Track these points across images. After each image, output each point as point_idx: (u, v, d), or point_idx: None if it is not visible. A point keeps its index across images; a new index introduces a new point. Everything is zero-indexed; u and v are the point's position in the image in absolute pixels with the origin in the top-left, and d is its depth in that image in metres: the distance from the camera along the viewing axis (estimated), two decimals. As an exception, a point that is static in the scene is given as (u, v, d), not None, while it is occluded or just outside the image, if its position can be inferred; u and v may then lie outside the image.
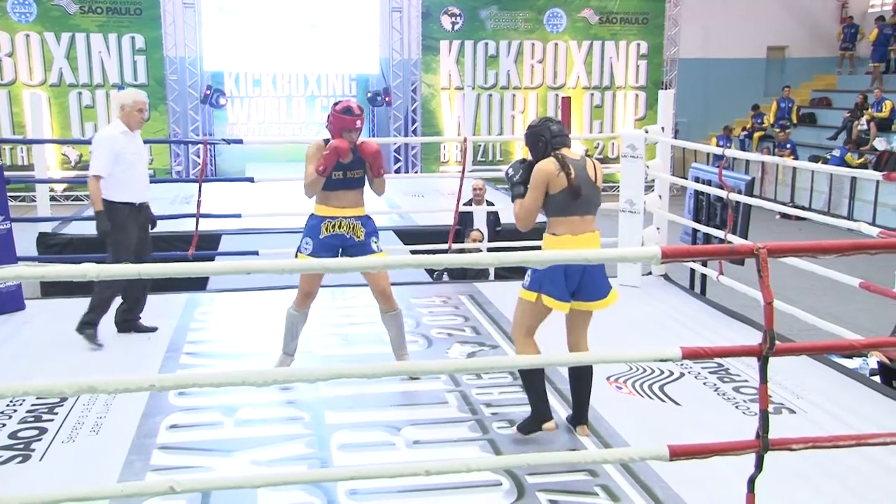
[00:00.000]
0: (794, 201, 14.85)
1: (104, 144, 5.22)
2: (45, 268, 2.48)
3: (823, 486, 3.51)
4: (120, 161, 5.18)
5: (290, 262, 3.90)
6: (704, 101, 17.87)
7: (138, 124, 5.33)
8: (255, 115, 16.14)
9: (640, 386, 4.63)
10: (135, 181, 5.31)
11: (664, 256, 2.63)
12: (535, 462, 2.92)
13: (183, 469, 3.65)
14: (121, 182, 5.22)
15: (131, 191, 5.29)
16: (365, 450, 3.87)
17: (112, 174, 5.19)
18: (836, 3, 19.10)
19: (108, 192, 5.20)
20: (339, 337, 5.49)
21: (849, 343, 3.69)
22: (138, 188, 5.35)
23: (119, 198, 5.23)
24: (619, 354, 4.32)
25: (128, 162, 5.23)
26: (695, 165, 7.22)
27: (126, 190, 5.25)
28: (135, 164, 5.29)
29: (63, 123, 14.84)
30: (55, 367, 4.88)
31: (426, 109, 16.50)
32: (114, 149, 5.18)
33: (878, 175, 5.14)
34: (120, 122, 5.28)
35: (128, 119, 5.27)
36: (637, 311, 6.17)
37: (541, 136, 3.94)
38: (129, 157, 5.24)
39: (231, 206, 7.82)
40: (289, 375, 3.74)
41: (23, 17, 14.65)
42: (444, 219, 7.96)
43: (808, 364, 4.95)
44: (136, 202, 5.33)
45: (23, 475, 3.59)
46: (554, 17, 16.66)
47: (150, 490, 3.06)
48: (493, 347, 5.31)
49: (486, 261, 2.77)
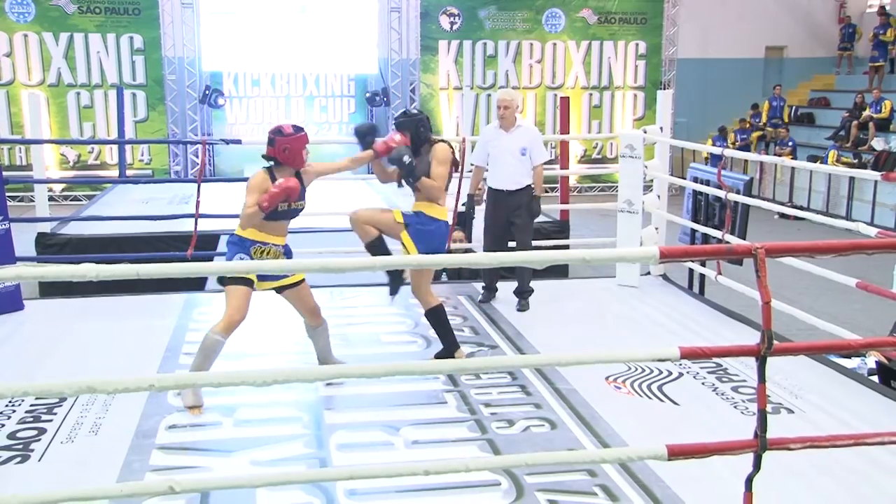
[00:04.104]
0: (793, 201, 14.86)
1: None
2: (44, 268, 2.48)
3: (821, 486, 3.52)
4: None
5: (288, 262, 3.90)
6: (703, 102, 17.87)
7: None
8: (253, 116, 16.12)
9: (638, 386, 4.64)
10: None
11: (663, 257, 2.64)
12: (534, 462, 2.93)
13: (182, 469, 3.65)
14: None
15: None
16: (364, 450, 3.87)
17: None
18: (835, 4, 19.11)
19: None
20: (339, 337, 5.49)
21: (847, 343, 3.71)
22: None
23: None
24: (618, 354, 4.33)
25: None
26: (693, 165, 7.23)
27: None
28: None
29: (61, 123, 14.82)
30: (54, 367, 4.88)
31: (425, 109, 16.45)
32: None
33: (876, 175, 5.15)
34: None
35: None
36: (635, 311, 6.18)
37: (422, 123, 4.80)
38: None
39: (230, 207, 7.79)
40: (288, 376, 3.74)
41: (21, 16, 14.64)
42: (442, 219, 7.94)
43: (807, 364, 4.96)
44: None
45: (22, 475, 3.59)
46: (552, 17, 16.65)
47: (149, 490, 3.06)
48: (492, 347, 5.31)
49: (485, 262, 2.78)
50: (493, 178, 6.15)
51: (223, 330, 4.23)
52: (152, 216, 7.91)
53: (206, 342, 4.20)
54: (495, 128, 6.18)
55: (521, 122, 6.21)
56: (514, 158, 6.04)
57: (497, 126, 6.16)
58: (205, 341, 4.21)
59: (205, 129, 15.69)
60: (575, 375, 4.62)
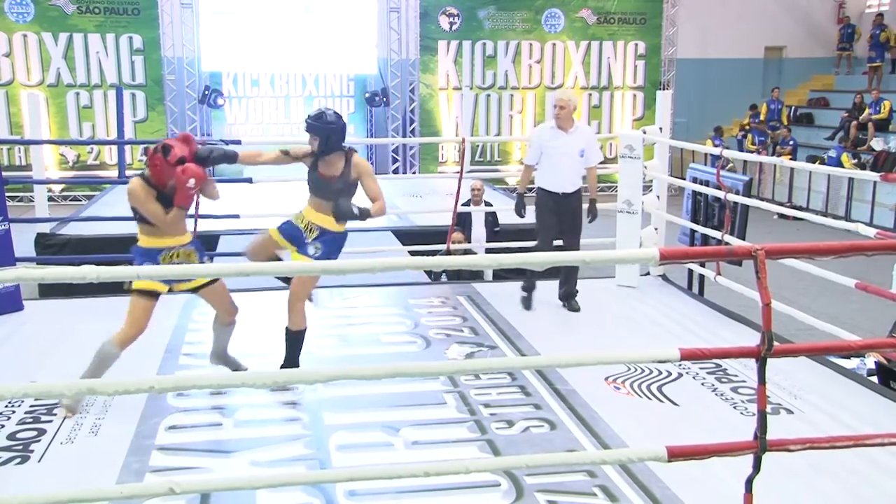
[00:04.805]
0: (792, 201, 14.86)
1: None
2: (45, 270, 2.48)
3: (821, 487, 3.52)
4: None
5: (288, 265, 3.90)
6: (702, 102, 17.88)
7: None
8: (253, 116, 16.13)
9: (638, 386, 4.64)
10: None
11: (662, 258, 2.64)
12: (534, 463, 2.93)
13: (182, 470, 3.65)
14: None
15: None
16: (364, 450, 3.87)
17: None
18: (834, 4, 19.12)
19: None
20: (338, 337, 5.50)
21: (847, 344, 3.71)
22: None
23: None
24: (618, 355, 4.33)
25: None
26: (693, 166, 7.23)
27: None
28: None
29: (61, 124, 14.82)
30: (54, 367, 4.88)
31: (424, 110, 16.50)
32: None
33: (875, 175, 5.16)
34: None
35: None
36: (635, 312, 6.18)
37: (335, 132, 4.51)
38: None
39: (229, 207, 7.80)
40: (288, 377, 3.74)
41: (20, 17, 14.63)
42: (442, 219, 7.96)
43: (806, 364, 4.96)
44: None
45: (21, 476, 3.59)
46: (552, 17, 16.66)
47: (149, 491, 3.06)
48: (491, 348, 5.31)
49: (485, 263, 2.78)
50: (548, 179, 5.98)
51: (118, 343, 4.16)
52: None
53: (101, 350, 4.15)
54: (552, 128, 6.00)
55: (578, 122, 6.08)
56: (573, 160, 5.93)
57: (554, 126, 5.99)
58: (101, 349, 4.16)
59: (204, 130, 15.68)
60: (574, 376, 4.62)
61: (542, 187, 6.03)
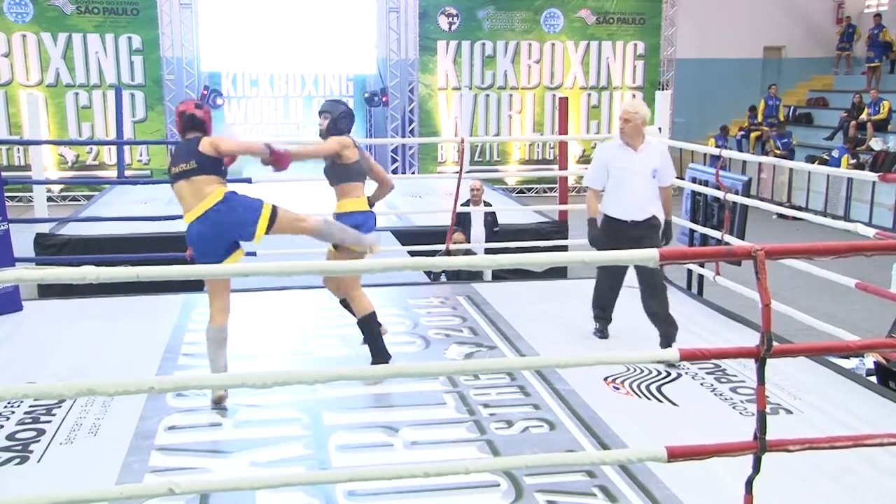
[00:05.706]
0: (791, 201, 14.87)
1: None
2: (44, 271, 2.48)
3: (820, 487, 3.52)
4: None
5: (288, 265, 3.90)
6: (701, 102, 17.89)
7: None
8: (252, 116, 16.14)
9: (637, 387, 4.64)
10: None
11: (662, 259, 2.64)
12: (534, 463, 2.93)
13: (181, 470, 3.65)
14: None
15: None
16: (363, 451, 3.87)
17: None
18: (833, 4, 19.13)
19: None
20: (338, 337, 5.49)
21: (846, 344, 3.70)
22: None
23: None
24: (617, 355, 4.33)
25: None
26: (692, 166, 7.23)
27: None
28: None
29: (60, 124, 14.82)
30: (53, 368, 4.87)
31: (423, 110, 16.50)
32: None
33: (874, 175, 5.16)
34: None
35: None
36: (634, 312, 6.18)
37: (344, 115, 4.82)
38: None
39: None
40: (288, 377, 3.74)
41: (19, 17, 14.63)
42: (441, 219, 7.96)
43: (805, 364, 4.96)
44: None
45: (21, 477, 3.59)
46: (551, 17, 16.66)
47: (149, 492, 3.06)
48: (490, 348, 5.31)
49: (484, 264, 2.78)
50: (615, 204, 5.13)
51: None
52: (151, 217, 7.89)
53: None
54: (619, 146, 5.16)
55: (649, 138, 5.25)
56: (645, 181, 5.08)
57: (621, 144, 5.16)
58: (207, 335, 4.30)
59: (203, 130, 15.68)
60: (574, 376, 4.61)
61: (607, 214, 5.17)
